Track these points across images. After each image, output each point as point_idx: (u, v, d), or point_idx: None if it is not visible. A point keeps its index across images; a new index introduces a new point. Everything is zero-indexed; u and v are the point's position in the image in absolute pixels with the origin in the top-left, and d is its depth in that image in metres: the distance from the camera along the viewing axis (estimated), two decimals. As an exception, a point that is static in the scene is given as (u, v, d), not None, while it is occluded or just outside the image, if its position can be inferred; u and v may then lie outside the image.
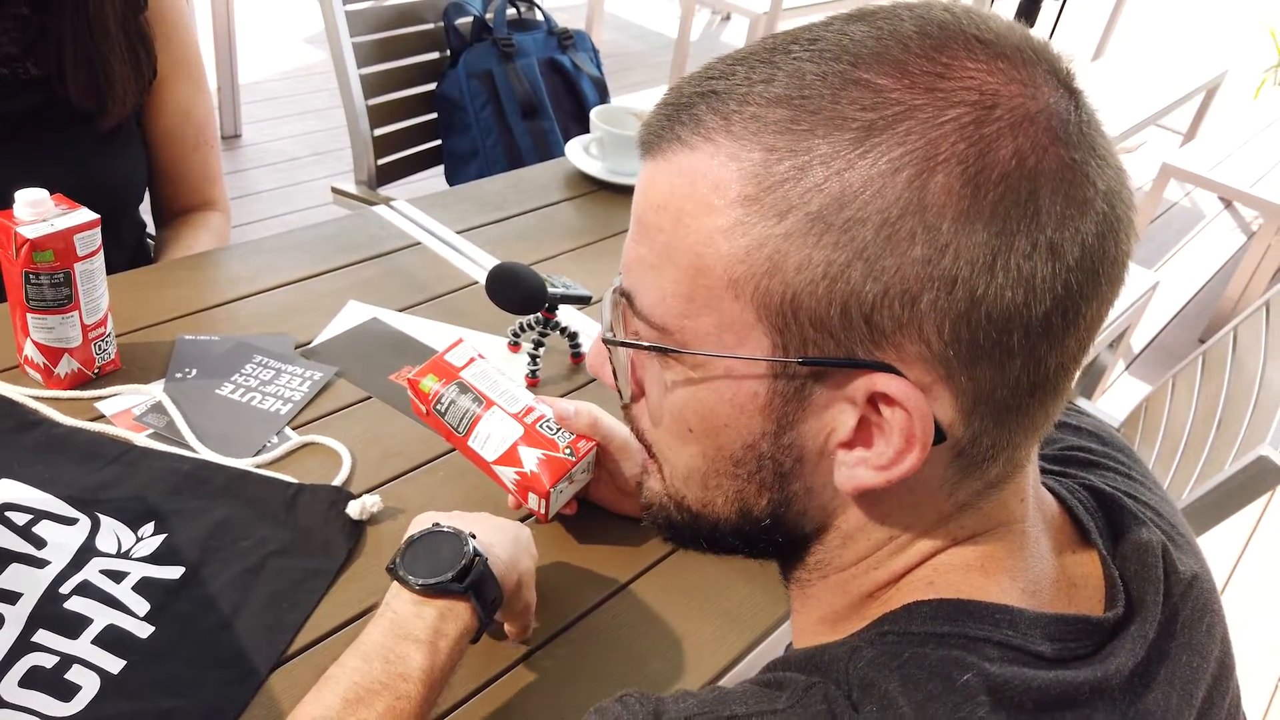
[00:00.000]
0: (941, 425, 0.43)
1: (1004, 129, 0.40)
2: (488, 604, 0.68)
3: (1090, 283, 0.42)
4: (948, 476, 0.46)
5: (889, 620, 0.47)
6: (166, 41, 1.22)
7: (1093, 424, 0.64)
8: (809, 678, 0.44)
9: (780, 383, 0.44)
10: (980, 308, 0.40)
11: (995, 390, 0.43)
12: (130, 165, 1.23)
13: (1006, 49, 0.42)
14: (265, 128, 3.39)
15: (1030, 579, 0.48)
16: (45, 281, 0.88)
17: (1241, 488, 0.95)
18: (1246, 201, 3.17)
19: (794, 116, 0.41)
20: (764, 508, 0.49)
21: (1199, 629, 0.52)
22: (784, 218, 0.41)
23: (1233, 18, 6.19)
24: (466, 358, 0.89)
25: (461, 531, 0.69)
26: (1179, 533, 0.56)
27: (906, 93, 0.40)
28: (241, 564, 0.80)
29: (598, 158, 1.55)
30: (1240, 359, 1.26)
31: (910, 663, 0.43)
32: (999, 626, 0.45)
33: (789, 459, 0.46)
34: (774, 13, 3.63)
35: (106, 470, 0.86)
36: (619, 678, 0.78)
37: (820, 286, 0.41)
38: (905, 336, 0.41)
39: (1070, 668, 0.45)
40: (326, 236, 1.28)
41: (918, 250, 0.40)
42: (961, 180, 0.40)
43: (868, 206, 0.40)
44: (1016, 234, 0.40)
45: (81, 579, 0.76)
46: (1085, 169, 0.41)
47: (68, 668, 0.70)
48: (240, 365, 1.01)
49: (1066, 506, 0.54)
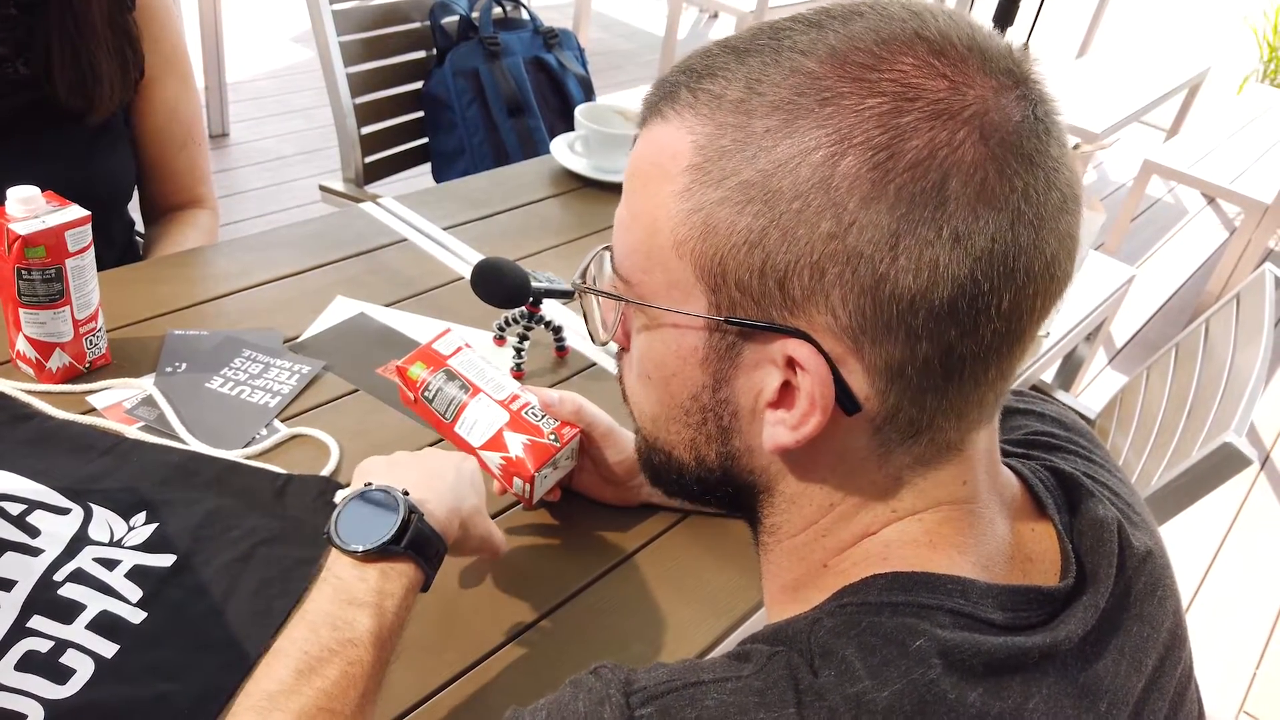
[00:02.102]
0: (857, 396, 0.46)
1: (921, 120, 0.43)
2: (430, 557, 0.68)
3: (1003, 277, 0.44)
4: (873, 447, 0.49)
5: (848, 592, 0.49)
6: (154, 41, 1.24)
7: (1056, 411, 0.66)
8: (773, 648, 0.47)
9: (715, 339, 0.49)
10: (884, 286, 0.43)
11: (905, 368, 0.45)
12: (119, 164, 1.25)
13: (945, 46, 0.44)
14: (253, 127, 3.40)
15: (982, 554, 0.50)
16: (37, 277, 0.90)
17: (1208, 473, 0.98)
18: (1228, 197, 3.21)
19: (745, 98, 0.45)
20: (714, 459, 0.53)
21: (1151, 601, 0.54)
22: (719, 186, 0.46)
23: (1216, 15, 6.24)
24: (454, 346, 0.91)
25: (392, 490, 0.68)
26: (1135, 511, 0.59)
27: (837, 81, 0.44)
28: (231, 552, 0.82)
29: (582, 155, 1.56)
30: (1211, 349, 1.28)
31: (867, 630, 0.46)
32: (950, 595, 0.47)
33: (727, 414, 0.51)
34: (760, 11, 3.66)
35: (98, 462, 0.88)
36: (600, 656, 0.79)
37: (742, 251, 0.45)
38: (815, 306, 0.45)
39: (1021, 634, 0.47)
40: (314, 233, 1.29)
41: (825, 225, 0.43)
42: (870, 164, 0.43)
43: (785, 180, 0.44)
44: (920, 220, 0.43)
45: (75, 566, 0.78)
46: (1006, 166, 0.43)
47: (62, 652, 0.72)
48: (229, 359, 1.03)
49: (1028, 485, 0.56)
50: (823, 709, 0.43)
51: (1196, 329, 1.37)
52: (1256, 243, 3.12)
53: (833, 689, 0.44)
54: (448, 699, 0.75)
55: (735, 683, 0.45)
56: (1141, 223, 3.93)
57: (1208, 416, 1.09)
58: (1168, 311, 3.35)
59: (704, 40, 5.30)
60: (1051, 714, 0.47)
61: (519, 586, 0.85)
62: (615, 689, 0.46)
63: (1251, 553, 2.40)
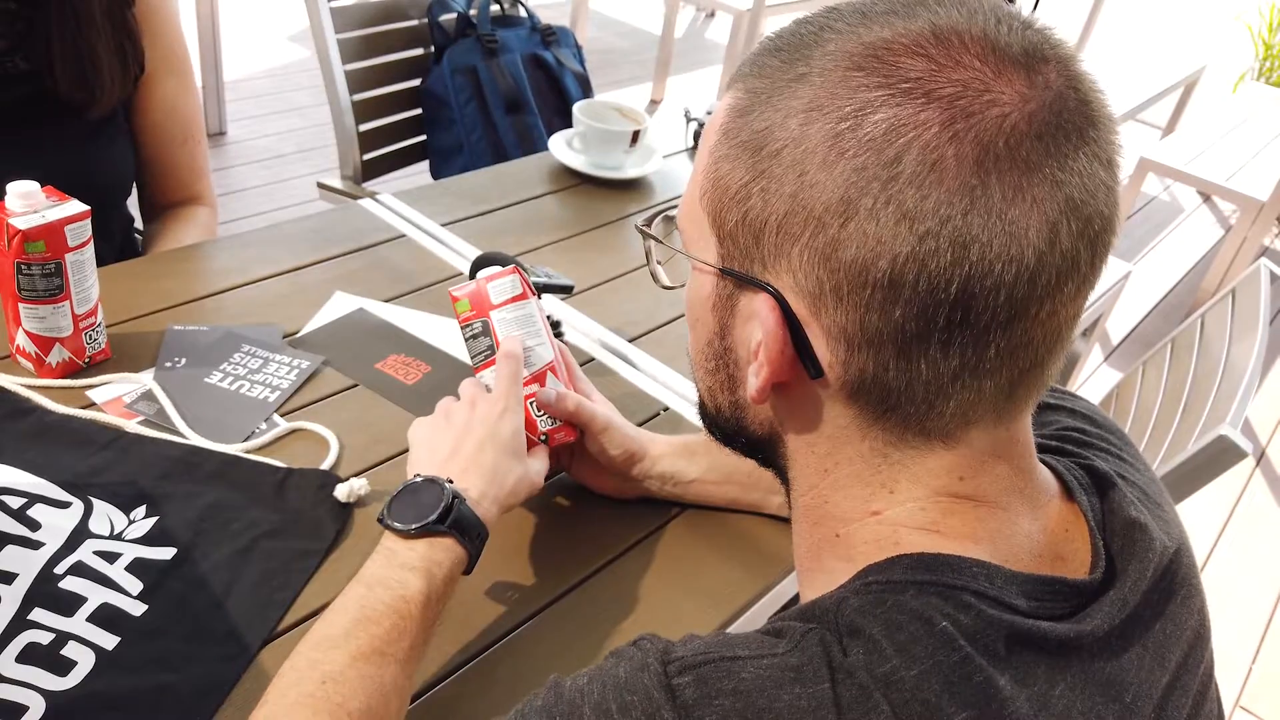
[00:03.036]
0: (820, 360, 0.48)
1: (890, 96, 0.44)
2: (473, 538, 0.73)
3: (955, 257, 0.44)
4: (851, 416, 0.50)
5: (873, 571, 0.50)
6: (154, 38, 1.24)
7: (1085, 407, 0.67)
8: (806, 625, 0.47)
9: (720, 286, 0.53)
10: (835, 252, 0.45)
11: (856, 338, 0.47)
12: (119, 159, 1.25)
13: (949, 33, 0.45)
14: (250, 125, 3.40)
15: (1000, 548, 0.50)
16: (37, 272, 0.90)
17: (1203, 466, 0.98)
18: (1224, 195, 3.22)
19: (777, 66, 0.48)
20: (728, 408, 0.58)
21: (1176, 600, 0.54)
22: (730, 140, 0.49)
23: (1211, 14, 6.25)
24: (506, 295, 0.87)
25: (438, 479, 0.73)
26: (1164, 511, 0.59)
27: (840, 59, 0.46)
28: (232, 545, 0.82)
29: (580, 152, 1.57)
30: (1206, 344, 1.29)
31: (892, 608, 0.46)
32: (975, 578, 0.47)
33: (731, 362, 0.55)
34: (757, 10, 3.66)
35: (98, 456, 0.88)
36: (602, 647, 0.80)
37: (734, 204, 0.49)
38: (782, 264, 0.48)
39: (1046, 623, 0.48)
40: (313, 229, 1.29)
41: (790, 184, 0.46)
42: (833, 133, 0.45)
43: (769, 139, 0.47)
44: (867, 192, 0.44)
45: (75, 559, 0.78)
46: (976, 152, 0.43)
47: (64, 644, 0.72)
48: (229, 354, 1.03)
49: (1064, 483, 0.56)
50: (854, 686, 0.44)
51: (1192, 324, 1.37)
52: (1252, 239, 3.13)
53: (862, 668, 0.44)
54: (445, 691, 0.75)
55: (771, 659, 0.45)
56: (1138, 220, 3.94)
57: (1203, 410, 1.09)
58: (1164, 308, 3.36)
59: (701, 38, 5.32)
60: (1078, 701, 0.47)
61: (517, 580, 0.85)
62: (654, 658, 0.47)
63: (1248, 547, 2.41)
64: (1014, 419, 0.51)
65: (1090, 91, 0.47)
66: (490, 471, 0.77)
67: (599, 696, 0.47)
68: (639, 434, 0.92)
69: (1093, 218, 0.46)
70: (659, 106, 4.19)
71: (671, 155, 1.69)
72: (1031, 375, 0.49)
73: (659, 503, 0.95)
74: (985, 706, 0.44)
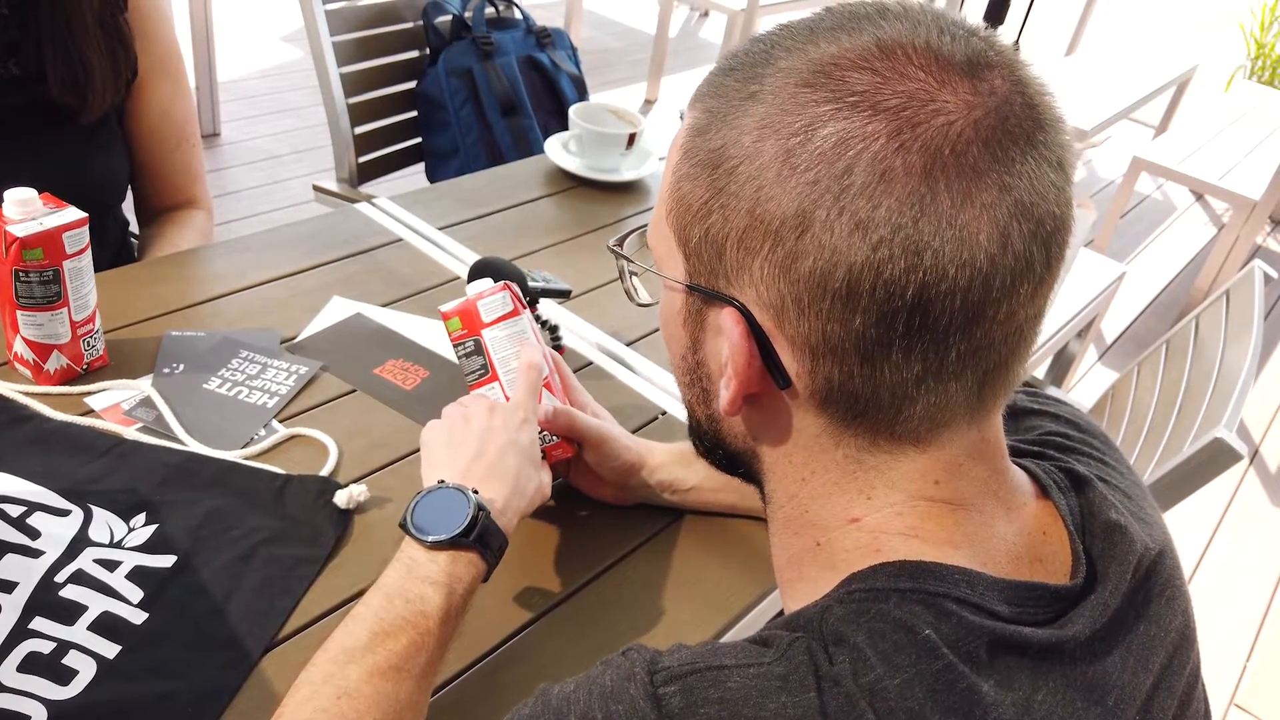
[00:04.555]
0: (788, 371, 0.49)
1: (838, 110, 0.45)
2: (494, 550, 0.73)
3: (909, 263, 0.45)
4: (823, 425, 0.51)
5: (856, 579, 0.50)
6: (147, 42, 1.24)
7: (1070, 412, 0.67)
8: (793, 634, 0.48)
9: (688, 302, 0.54)
10: (793, 264, 0.46)
11: (819, 348, 0.48)
12: (113, 164, 1.25)
13: (894, 45, 0.46)
14: (245, 126, 3.39)
15: (978, 553, 0.51)
16: (34, 279, 0.90)
17: (1199, 468, 0.99)
18: (1216, 194, 3.23)
19: (736, 88, 0.49)
20: (705, 421, 0.59)
21: (1160, 601, 0.55)
22: (690, 160, 0.51)
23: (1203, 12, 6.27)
24: (497, 313, 0.86)
25: (464, 488, 0.73)
26: (1146, 513, 0.59)
27: (788, 75, 0.47)
28: (232, 552, 0.82)
29: (576, 154, 1.57)
30: (1201, 345, 1.29)
31: (875, 617, 0.47)
32: (957, 585, 0.48)
33: (704, 376, 0.56)
34: (751, 10, 3.66)
35: (97, 463, 0.88)
36: (600, 654, 0.80)
37: (696, 220, 0.50)
38: (745, 278, 0.49)
39: (1028, 629, 0.48)
40: (310, 233, 1.29)
41: (747, 200, 0.47)
42: (785, 148, 0.46)
43: (726, 156, 0.48)
44: (820, 204, 0.45)
45: (76, 568, 0.78)
46: (924, 161, 0.44)
47: (65, 653, 0.72)
48: (227, 360, 1.03)
49: (1040, 485, 0.57)
50: (840, 694, 0.44)
51: (1186, 325, 1.38)
52: (1245, 238, 3.14)
53: (847, 676, 0.45)
54: (445, 699, 0.75)
55: (758, 668, 0.46)
56: (1131, 219, 3.95)
57: (1198, 412, 1.10)
58: (1157, 307, 3.37)
59: (695, 38, 5.32)
60: (1059, 705, 0.47)
61: (516, 586, 0.86)
62: (641, 667, 0.48)
63: (1240, 547, 2.42)
64: (984, 420, 0.52)
65: (1037, 95, 0.48)
66: (514, 478, 0.76)
67: (585, 705, 0.48)
68: (637, 443, 0.92)
69: (1044, 219, 0.46)
70: (653, 106, 4.20)
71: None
72: (997, 376, 0.50)
73: (657, 508, 0.95)
74: (969, 713, 0.45)
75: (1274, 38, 4.93)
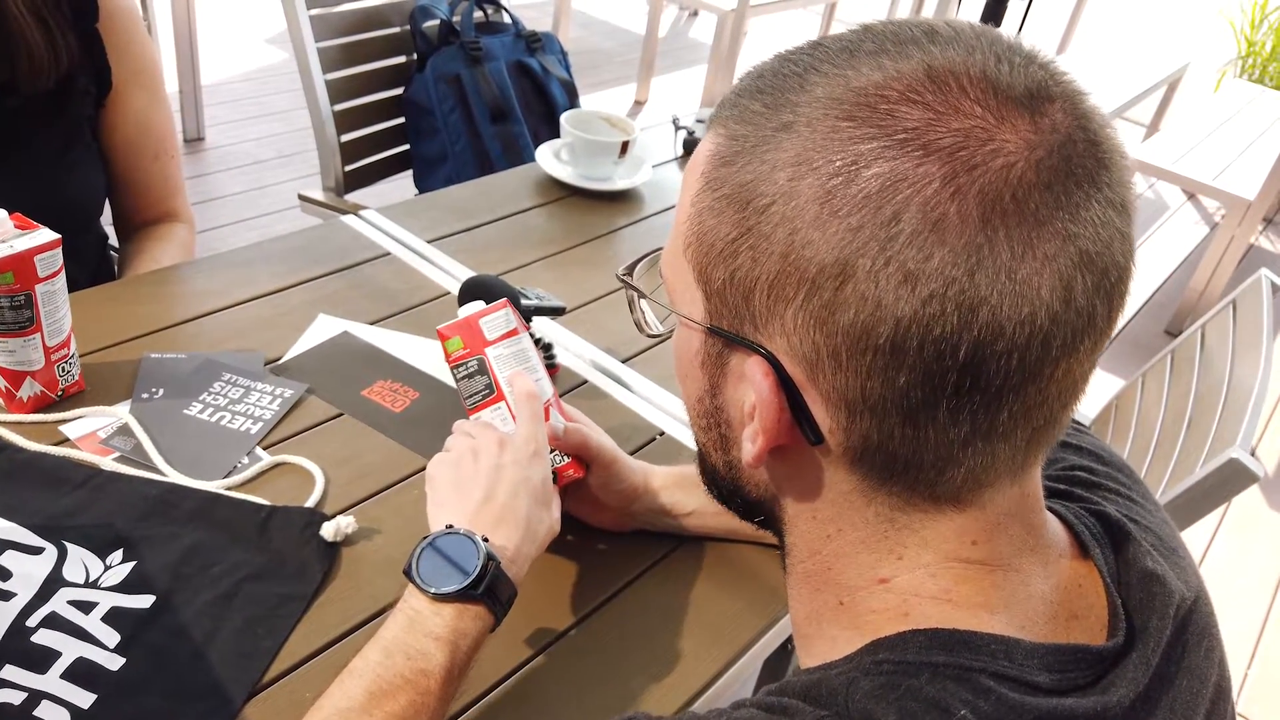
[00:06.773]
0: (820, 426, 0.45)
1: (885, 149, 0.41)
2: (503, 603, 0.69)
3: (962, 320, 0.40)
4: (855, 482, 0.47)
5: (884, 647, 0.46)
6: (121, 52, 1.20)
7: (1091, 442, 0.64)
8: (815, 710, 0.44)
9: (708, 344, 0.49)
10: (832, 316, 0.42)
11: (858, 405, 0.44)
12: (88, 179, 1.21)
13: (947, 76, 0.42)
14: (229, 130, 3.35)
15: (1015, 616, 0.48)
16: (5, 304, 0.86)
17: (1213, 489, 0.96)
18: (1209, 193, 3.21)
19: (763, 113, 0.45)
20: (723, 467, 0.54)
21: (1198, 653, 0.52)
22: (714, 192, 0.46)
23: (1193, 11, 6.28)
24: (500, 331, 0.83)
25: (474, 536, 0.69)
26: (1178, 555, 0.56)
27: (830, 105, 0.43)
28: (214, 590, 0.79)
29: (568, 163, 1.54)
30: (1208, 357, 1.27)
31: (906, 695, 0.43)
32: (995, 657, 0.45)
33: (724, 422, 0.51)
34: (741, 9, 3.63)
35: (72, 496, 0.84)
36: (602, 691, 0.77)
37: (721, 259, 0.46)
38: (775, 327, 0.44)
39: (1070, 697, 0.45)
40: (295, 248, 1.26)
41: (780, 244, 0.43)
42: (824, 189, 0.41)
43: (757, 194, 0.44)
44: (865, 253, 0.41)
45: (49, 611, 0.74)
46: (981, 208, 0.40)
47: (36, 704, 0.68)
48: (209, 384, 0.99)
49: (1073, 533, 0.54)
50: None
51: (1192, 336, 1.35)
52: (1240, 239, 3.12)
53: None
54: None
55: None
56: (1124, 219, 3.93)
57: (1209, 428, 1.07)
58: (1151, 307, 3.36)
59: (684, 38, 5.29)
60: None
61: (513, 623, 0.82)
62: None
63: (1239, 556, 2.40)
64: (1026, 475, 0.48)
65: (1100, 130, 0.43)
66: (524, 523, 0.73)
67: None
68: (640, 466, 0.89)
69: (1109, 269, 0.42)
70: (643, 107, 4.16)
71: (661, 165, 1.66)
72: (1045, 431, 0.46)
73: (656, 535, 0.92)
74: None
75: (1264, 36, 4.93)
